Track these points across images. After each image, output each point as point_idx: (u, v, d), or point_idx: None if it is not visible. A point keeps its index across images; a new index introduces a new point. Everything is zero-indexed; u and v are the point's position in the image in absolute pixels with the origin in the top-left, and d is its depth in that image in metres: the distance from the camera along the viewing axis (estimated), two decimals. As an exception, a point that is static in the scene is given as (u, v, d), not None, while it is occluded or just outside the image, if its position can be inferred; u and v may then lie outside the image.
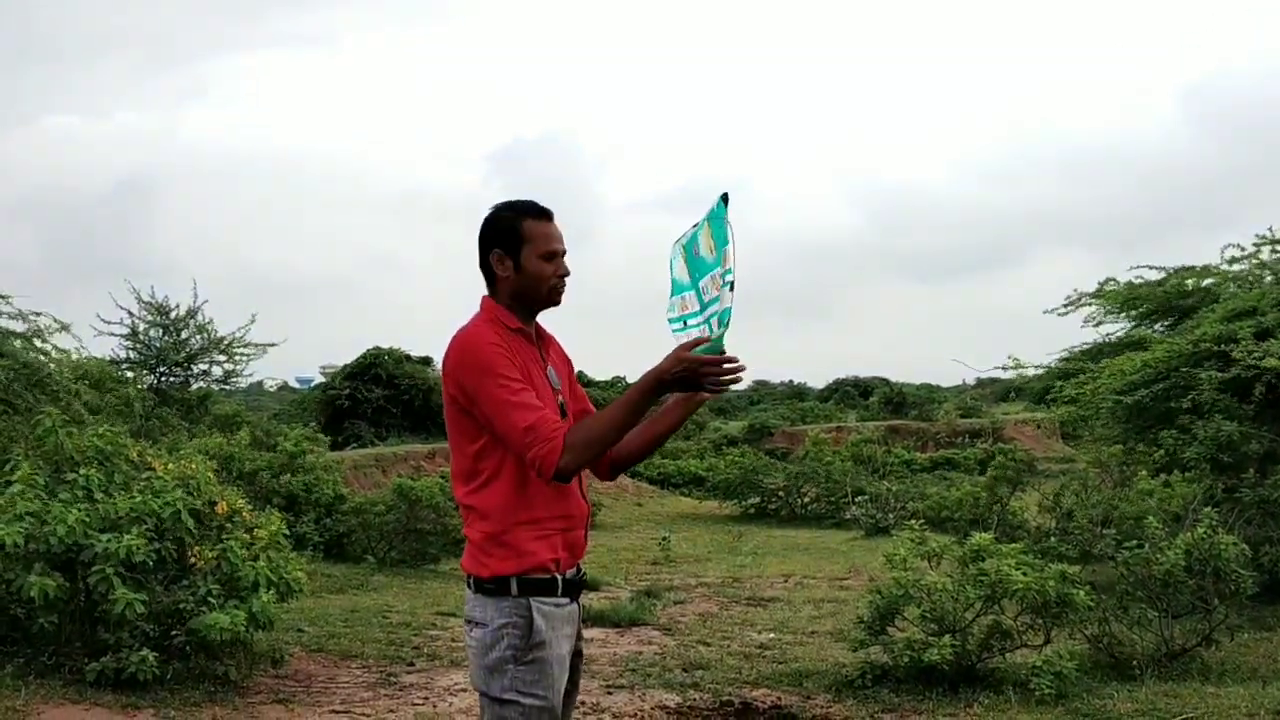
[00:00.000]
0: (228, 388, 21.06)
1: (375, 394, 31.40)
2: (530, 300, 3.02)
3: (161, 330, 19.47)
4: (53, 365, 8.65)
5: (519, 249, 2.97)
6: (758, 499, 26.00)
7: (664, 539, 18.44)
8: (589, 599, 11.69)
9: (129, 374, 18.68)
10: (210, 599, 6.36)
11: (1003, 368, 15.84)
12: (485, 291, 3.03)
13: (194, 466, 7.19)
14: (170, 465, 7.17)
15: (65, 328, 9.22)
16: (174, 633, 6.39)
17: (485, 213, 3.03)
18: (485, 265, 3.01)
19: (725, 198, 2.89)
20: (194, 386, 20.47)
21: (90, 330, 19.14)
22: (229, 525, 7.13)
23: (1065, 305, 15.84)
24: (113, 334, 19.24)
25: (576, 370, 3.37)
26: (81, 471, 6.62)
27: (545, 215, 3.01)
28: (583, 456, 2.78)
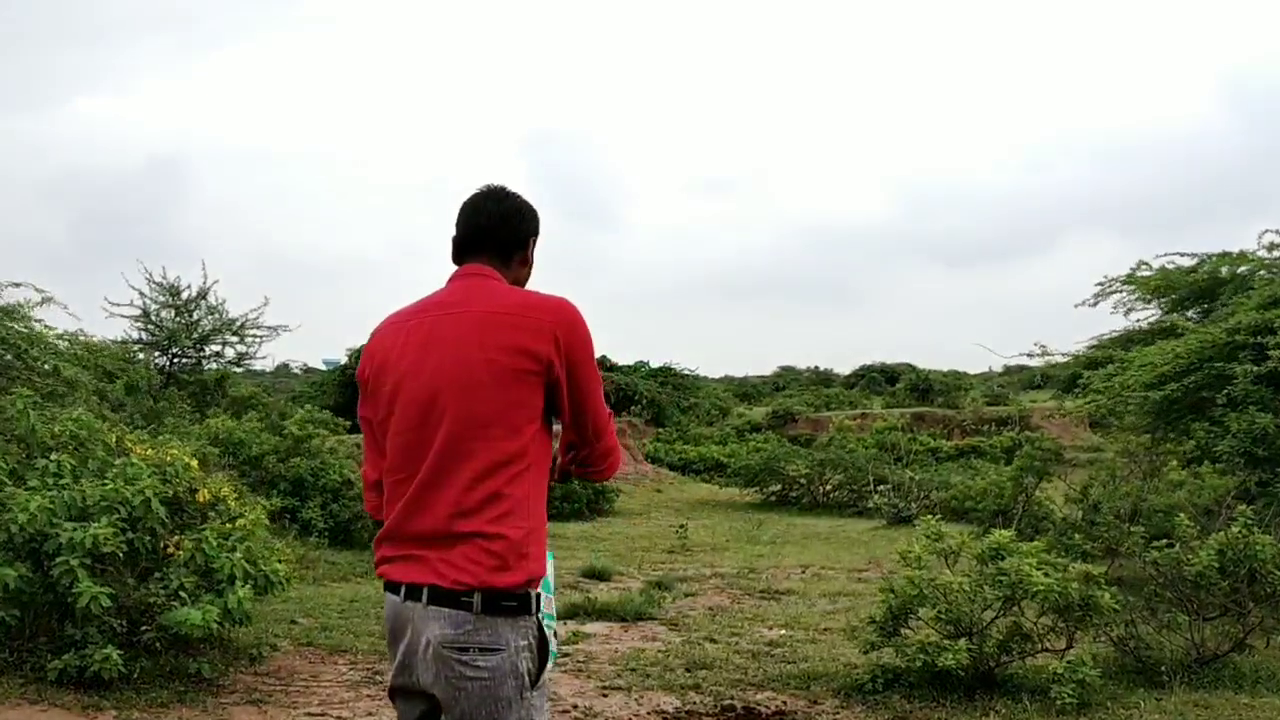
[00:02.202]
0: (240, 369, 20.81)
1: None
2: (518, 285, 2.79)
3: (173, 311, 19.25)
4: (23, 341, 8.30)
5: (536, 238, 2.81)
6: (779, 486, 25.59)
7: (681, 527, 18.10)
8: (597, 590, 11.38)
9: (140, 355, 18.46)
10: (182, 593, 6.03)
11: (1029, 354, 15.39)
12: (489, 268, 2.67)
13: (173, 452, 6.86)
14: (148, 451, 6.84)
15: (48, 299, 8.94)
16: (144, 628, 6.07)
17: (515, 194, 2.78)
18: (515, 246, 2.73)
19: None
20: (208, 368, 20.25)
21: (103, 311, 18.98)
22: (212, 514, 6.82)
23: (1096, 292, 15.39)
24: (123, 315, 19.05)
25: (600, 354, 3.15)
26: (52, 457, 6.31)
27: None
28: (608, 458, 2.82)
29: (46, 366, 8.43)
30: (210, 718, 5.71)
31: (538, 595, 2.51)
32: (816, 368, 77.57)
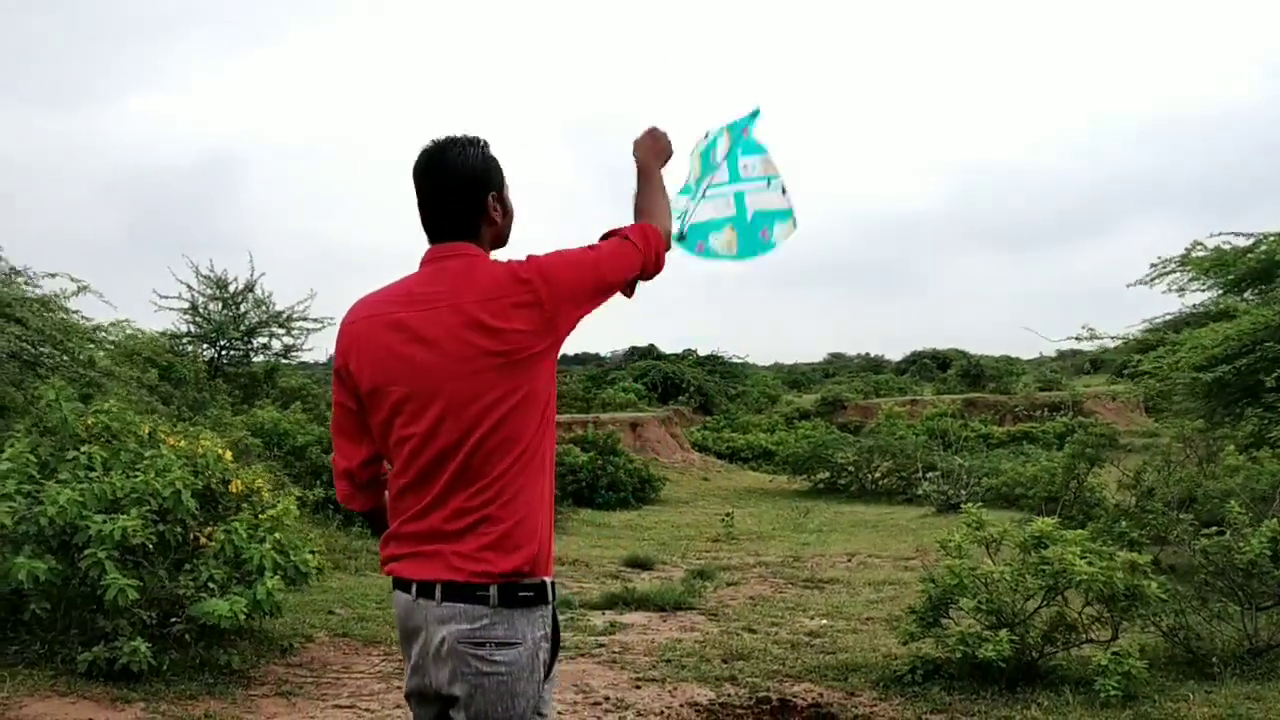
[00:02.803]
0: (288, 361, 20.94)
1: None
2: (502, 240, 2.62)
3: (221, 304, 19.40)
4: (58, 332, 8.34)
5: (504, 185, 2.57)
6: (827, 474, 25.36)
7: (727, 515, 17.97)
8: (638, 580, 11.30)
9: (189, 347, 18.63)
10: (211, 584, 6.01)
11: (1077, 338, 15.07)
12: (456, 239, 2.49)
13: (205, 443, 6.84)
14: (180, 442, 6.83)
15: (83, 289, 8.98)
16: (173, 620, 6.06)
17: (456, 154, 2.50)
18: (473, 211, 2.49)
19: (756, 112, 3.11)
20: (256, 360, 20.41)
21: (151, 305, 19.18)
22: (245, 506, 6.80)
23: (1150, 274, 15.04)
24: (171, 308, 19.23)
25: (648, 343, 3.04)
26: (83, 449, 6.31)
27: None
28: (668, 243, 2.80)
29: (83, 357, 8.47)
30: (239, 709, 5.68)
31: (553, 584, 2.45)
32: (867, 354, 77.12)
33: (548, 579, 2.42)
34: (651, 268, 2.66)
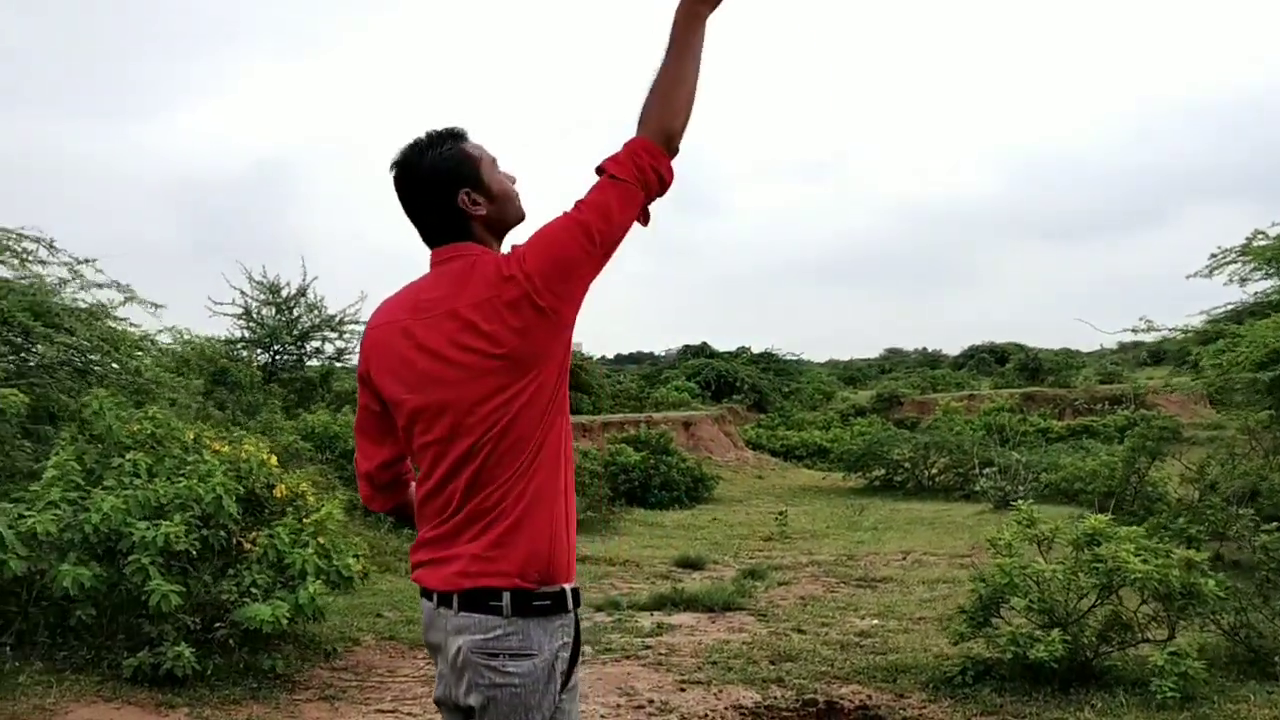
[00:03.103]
0: (341, 365, 21.07)
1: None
2: (507, 224, 2.47)
3: (274, 309, 19.58)
4: (106, 342, 8.44)
5: (479, 175, 2.42)
6: (883, 471, 25.11)
7: (780, 514, 17.84)
8: (689, 580, 11.23)
9: (244, 352, 18.81)
10: (254, 589, 6.03)
11: (1134, 329, 14.73)
12: (451, 241, 2.41)
13: (249, 448, 6.87)
14: (225, 448, 6.86)
15: (130, 298, 9.06)
16: (217, 625, 6.08)
17: (421, 154, 2.41)
18: (451, 214, 2.40)
19: None
20: (310, 364, 20.57)
21: (206, 311, 19.40)
22: (289, 510, 6.82)
23: (1210, 263, 14.68)
24: (225, 314, 19.44)
25: (701, 341, 2.87)
26: (128, 456, 6.36)
27: (465, 133, 2.48)
28: (680, 134, 2.41)
29: (132, 366, 8.55)
30: (282, 714, 5.69)
31: (575, 591, 2.36)
32: (924, 349, 76.34)
33: (567, 586, 2.33)
34: (655, 191, 2.39)
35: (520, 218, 2.50)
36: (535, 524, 2.29)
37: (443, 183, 2.39)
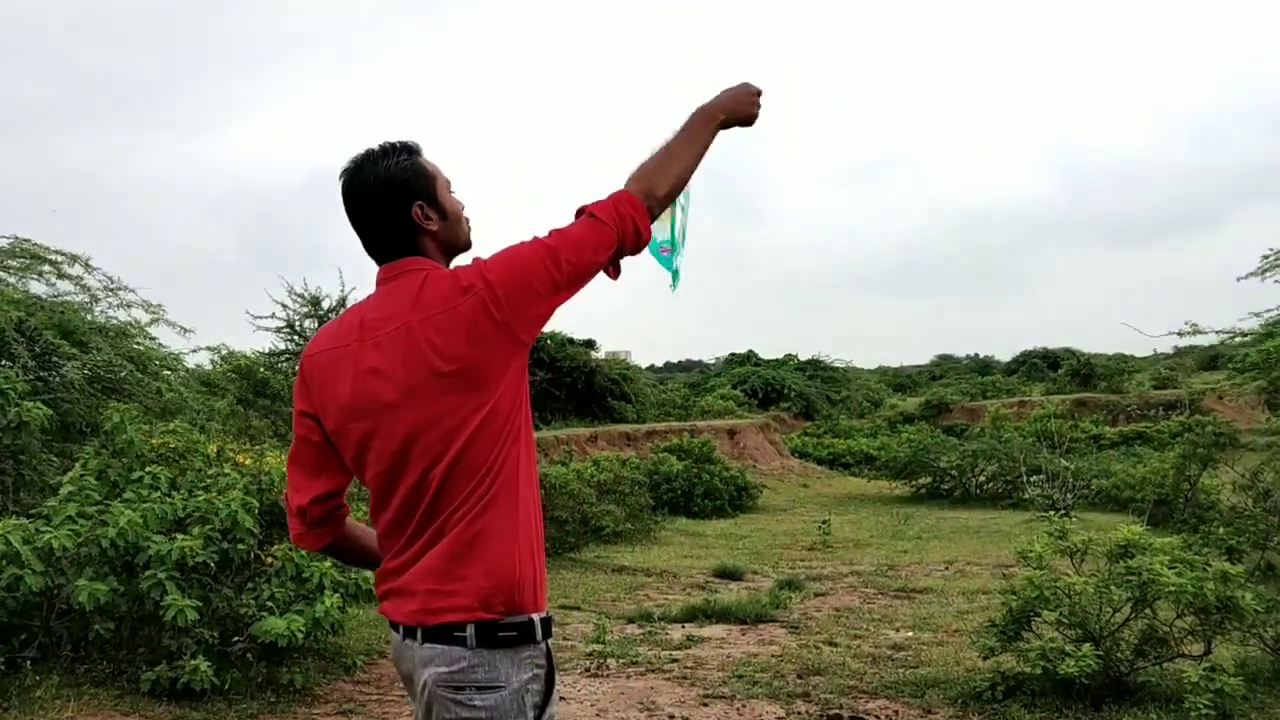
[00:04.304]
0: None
1: (538, 377, 31.33)
2: (455, 248, 2.40)
3: (316, 321, 19.74)
4: (130, 362, 8.54)
5: (434, 190, 2.35)
6: (929, 479, 24.83)
7: (824, 523, 17.65)
8: (725, 590, 11.12)
9: (285, 364, 18.97)
10: (271, 603, 6.02)
11: (1179, 332, 14.42)
12: (401, 255, 2.32)
13: (270, 461, 6.87)
14: (247, 461, 6.87)
15: (157, 319, 9.14)
16: (236, 639, 6.07)
17: (373, 164, 2.33)
18: (402, 226, 2.31)
19: None
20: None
21: (248, 325, 19.60)
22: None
23: (1263, 265, 14.34)
24: (266, 328, 19.63)
25: (748, 349, 2.77)
26: (148, 470, 6.38)
27: (420, 148, 2.39)
28: (661, 206, 2.42)
29: (155, 386, 8.61)
30: (297, 729, 5.67)
31: (545, 620, 2.26)
32: (975, 355, 75.59)
33: (536, 616, 2.23)
34: (630, 241, 2.34)
35: (468, 244, 2.42)
36: (494, 555, 2.19)
37: (397, 193, 2.31)
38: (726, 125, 2.52)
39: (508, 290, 2.18)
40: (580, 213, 2.35)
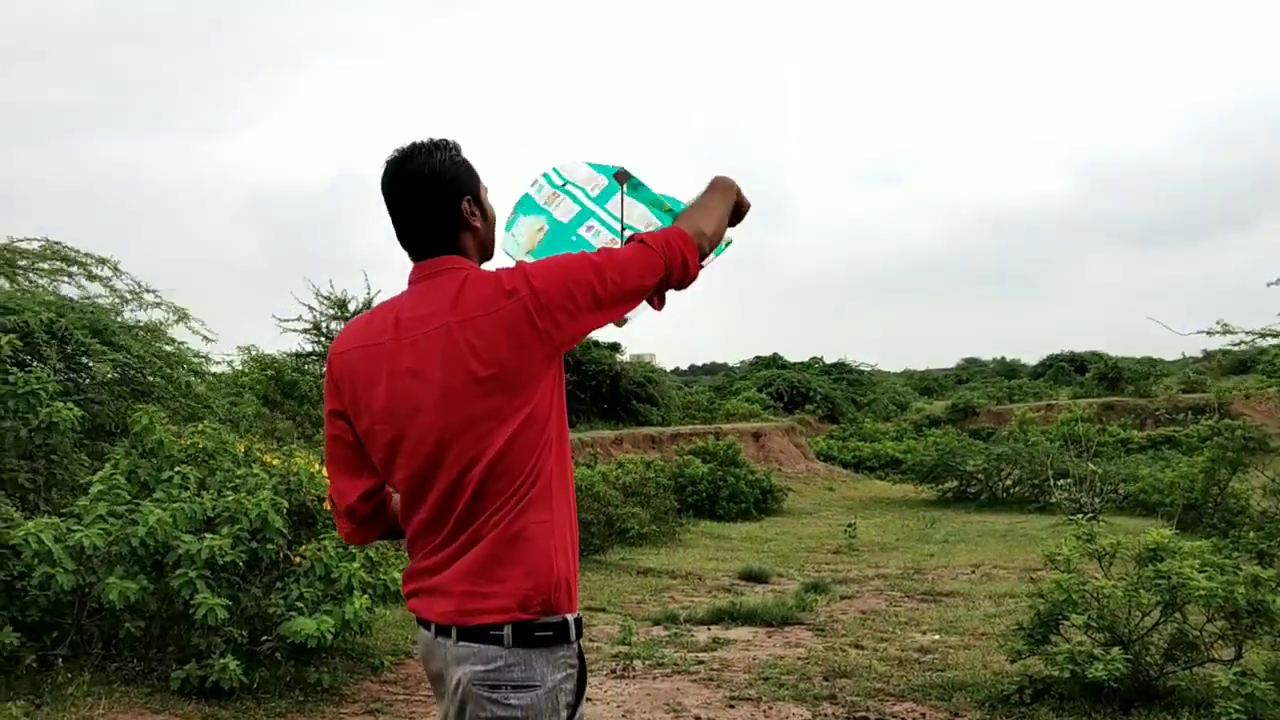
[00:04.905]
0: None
1: (565, 379, 31.39)
2: (489, 252, 2.41)
3: (342, 323, 19.82)
4: (161, 360, 8.60)
5: (479, 189, 2.36)
6: (956, 482, 24.71)
7: (849, 526, 17.60)
8: (751, 593, 11.11)
9: (312, 366, 19.05)
10: (300, 603, 6.05)
11: (1209, 332, 14.31)
12: (441, 253, 2.30)
13: (299, 461, 6.92)
14: (276, 461, 6.92)
15: (183, 318, 9.21)
16: (264, 638, 6.11)
17: (425, 154, 2.31)
18: (449, 220, 2.30)
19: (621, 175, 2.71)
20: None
21: (275, 328, 19.71)
22: (340, 523, 6.84)
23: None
24: (294, 329, 19.73)
25: (773, 352, 2.78)
26: (177, 470, 6.43)
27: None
28: (709, 244, 2.47)
29: (184, 385, 8.67)
30: (324, 728, 5.70)
31: (578, 621, 2.26)
32: (1002, 358, 74.99)
33: (570, 616, 2.23)
34: (678, 273, 2.34)
35: (494, 250, 2.43)
36: (532, 556, 2.19)
37: (450, 188, 2.30)
38: (739, 198, 2.58)
39: (551, 299, 2.18)
40: (630, 240, 2.37)
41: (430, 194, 2.29)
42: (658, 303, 2.41)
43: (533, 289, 2.17)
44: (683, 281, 2.39)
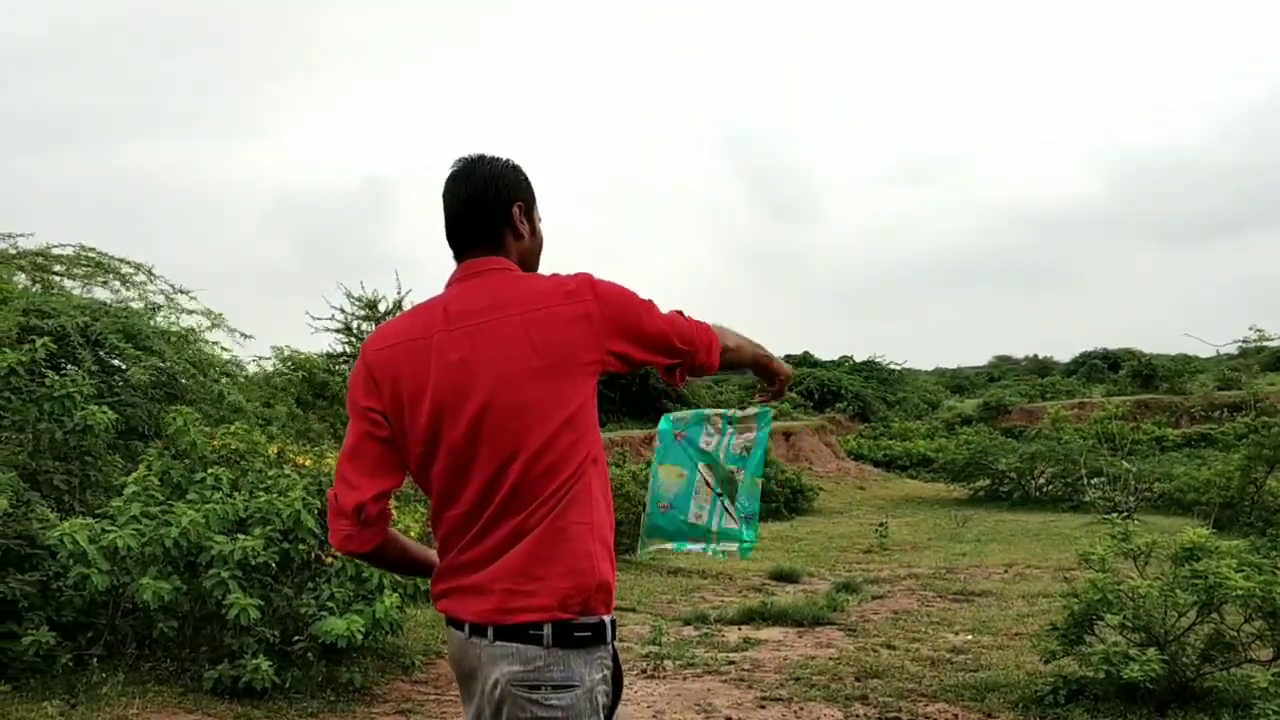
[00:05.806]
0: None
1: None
2: (531, 268, 2.43)
3: (373, 324, 19.93)
4: (194, 365, 8.68)
5: (532, 198, 2.43)
6: (988, 481, 24.59)
7: (881, 525, 17.54)
8: (782, 593, 11.08)
9: (343, 366, 19.16)
10: (331, 603, 6.08)
11: (1244, 340, 14.16)
12: (487, 254, 2.34)
13: (331, 462, 6.94)
14: (307, 462, 6.95)
15: (217, 324, 9.29)
16: (296, 638, 6.14)
17: (488, 162, 2.40)
18: (498, 217, 2.35)
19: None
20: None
21: (309, 327, 19.87)
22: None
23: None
24: (326, 329, 19.88)
25: (804, 351, 2.91)
26: (210, 471, 6.47)
27: None
28: (725, 358, 2.62)
29: (216, 390, 8.74)
30: (356, 728, 5.72)
31: (613, 623, 2.26)
32: (1034, 356, 74.53)
33: (606, 618, 2.23)
34: (702, 354, 2.47)
35: (536, 269, 2.47)
36: (573, 555, 2.18)
37: (505, 190, 2.37)
38: (771, 362, 2.84)
39: (610, 311, 2.26)
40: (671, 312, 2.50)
41: (484, 190, 2.35)
42: (677, 376, 2.51)
43: (597, 295, 2.25)
44: (704, 368, 2.52)
